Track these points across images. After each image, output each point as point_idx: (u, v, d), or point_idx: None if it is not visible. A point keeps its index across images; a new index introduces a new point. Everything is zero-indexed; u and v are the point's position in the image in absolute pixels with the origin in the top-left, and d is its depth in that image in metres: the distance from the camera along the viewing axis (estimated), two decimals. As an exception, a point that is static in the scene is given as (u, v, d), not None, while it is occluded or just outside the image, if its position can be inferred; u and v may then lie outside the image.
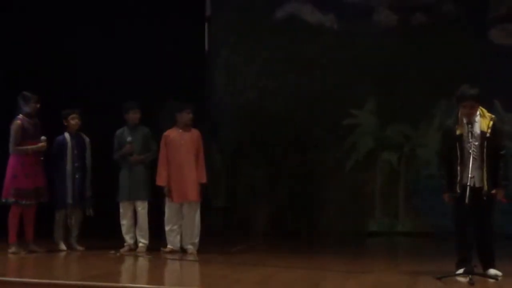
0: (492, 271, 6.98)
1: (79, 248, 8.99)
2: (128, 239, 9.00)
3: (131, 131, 9.10)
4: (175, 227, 8.85)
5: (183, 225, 8.87)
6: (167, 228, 8.85)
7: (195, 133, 8.96)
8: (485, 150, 6.92)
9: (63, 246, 8.92)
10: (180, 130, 8.90)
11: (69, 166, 8.93)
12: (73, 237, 9.05)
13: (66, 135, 9.04)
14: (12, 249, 8.53)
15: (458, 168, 6.96)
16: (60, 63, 11.12)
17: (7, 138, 8.68)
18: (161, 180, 8.83)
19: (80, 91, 10.86)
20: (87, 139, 9.16)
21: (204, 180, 8.95)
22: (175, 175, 8.79)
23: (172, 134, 8.89)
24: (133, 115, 9.10)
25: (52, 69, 11.01)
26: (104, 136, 9.28)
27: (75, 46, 11.17)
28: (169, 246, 8.84)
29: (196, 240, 8.85)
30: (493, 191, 6.94)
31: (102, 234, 9.82)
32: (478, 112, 7.02)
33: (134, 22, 11.31)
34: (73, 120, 9.05)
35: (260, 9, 12.05)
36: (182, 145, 8.83)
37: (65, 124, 9.07)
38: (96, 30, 11.27)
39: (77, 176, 8.95)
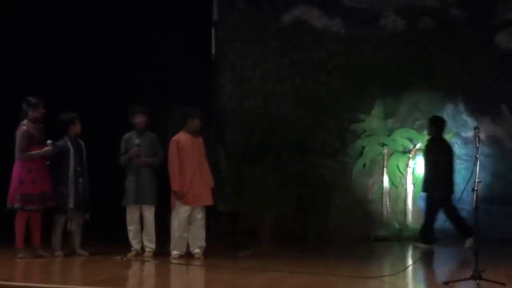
0: None
1: (83, 253, 8.93)
2: (135, 244, 8.97)
3: (139, 135, 9.05)
4: (185, 233, 8.81)
5: (192, 230, 8.83)
6: (176, 234, 8.77)
7: (200, 138, 9.01)
8: None
9: (60, 254, 8.79)
10: (190, 136, 8.89)
11: (71, 171, 8.84)
12: (76, 242, 8.98)
13: (67, 139, 8.93)
14: (20, 254, 8.52)
15: None
16: (63, 67, 11.19)
17: (8, 143, 8.62)
18: (176, 185, 8.73)
19: (84, 96, 10.92)
20: (83, 143, 9.06)
21: (213, 184, 9.07)
22: (190, 179, 8.75)
23: (183, 139, 8.85)
24: (138, 119, 8.99)
25: (55, 74, 11.06)
26: (108, 140, 9.26)
27: (79, 50, 11.22)
28: (175, 252, 8.78)
29: (204, 244, 8.86)
30: None
31: (107, 239, 9.83)
32: None
33: (140, 26, 11.34)
34: (78, 125, 8.98)
35: (267, 14, 12.03)
36: (194, 150, 8.84)
37: (71, 128, 8.91)
38: (102, 34, 11.30)
39: (80, 180, 8.88)
